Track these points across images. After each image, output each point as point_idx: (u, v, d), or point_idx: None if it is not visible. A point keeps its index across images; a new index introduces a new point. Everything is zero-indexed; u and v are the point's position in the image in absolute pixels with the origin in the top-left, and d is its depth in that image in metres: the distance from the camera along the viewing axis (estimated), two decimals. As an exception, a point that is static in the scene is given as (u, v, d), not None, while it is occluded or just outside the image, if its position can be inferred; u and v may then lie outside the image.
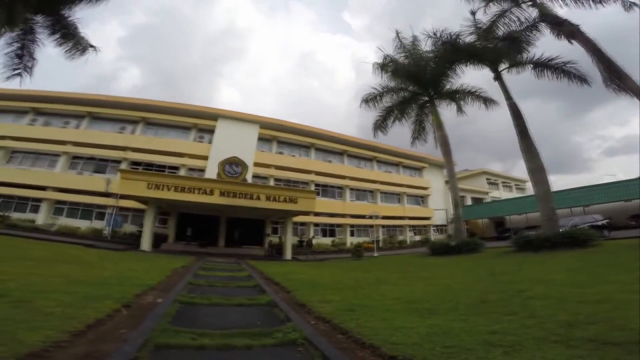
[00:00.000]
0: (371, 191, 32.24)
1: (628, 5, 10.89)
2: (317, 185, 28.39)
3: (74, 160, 23.16)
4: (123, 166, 22.46)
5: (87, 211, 21.76)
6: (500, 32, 13.98)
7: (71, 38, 13.84)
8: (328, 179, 29.22)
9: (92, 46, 14.38)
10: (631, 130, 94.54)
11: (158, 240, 19.37)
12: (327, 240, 27.41)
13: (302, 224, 26.77)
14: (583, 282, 5.16)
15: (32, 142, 22.34)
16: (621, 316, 3.10)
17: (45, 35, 13.63)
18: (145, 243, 17.01)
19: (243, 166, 20.41)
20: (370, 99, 18.35)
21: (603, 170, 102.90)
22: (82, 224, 20.88)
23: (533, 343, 2.69)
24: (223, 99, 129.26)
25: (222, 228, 23.01)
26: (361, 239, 28.05)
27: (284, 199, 18.78)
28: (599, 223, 17.17)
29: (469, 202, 39.51)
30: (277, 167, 26.84)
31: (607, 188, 23.81)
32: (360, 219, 28.70)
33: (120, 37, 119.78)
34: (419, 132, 19.12)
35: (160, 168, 23.55)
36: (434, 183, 37.02)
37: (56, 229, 19.54)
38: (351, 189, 30.64)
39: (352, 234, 29.19)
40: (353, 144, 31.74)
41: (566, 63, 13.37)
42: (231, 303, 5.02)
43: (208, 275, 8.56)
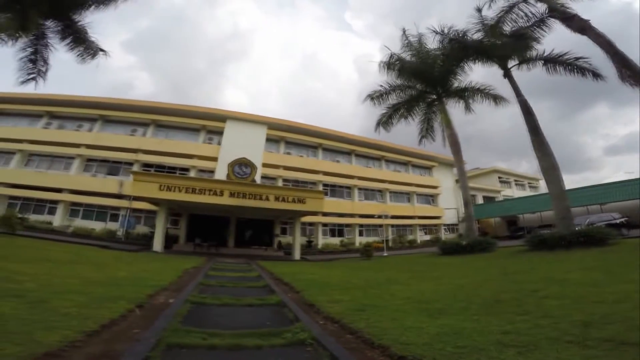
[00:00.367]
0: (380, 191, 32.04)
1: None
2: (325, 185, 28.37)
3: (88, 162, 23.73)
4: (135, 168, 22.90)
5: (102, 213, 22.26)
6: (507, 29, 13.75)
7: (82, 42, 14.17)
8: (336, 179, 29.17)
9: (102, 50, 14.71)
10: (634, 128, 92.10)
11: (169, 241, 19.70)
12: (336, 240, 27.36)
13: (311, 224, 26.79)
14: (600, 282, 5.02)
15: (48, 145, 23.00)
16: (640, 316, 3.01)
17: (57, 40, 14.03)
18: (157, 244, 17.31)
19: (252, 167, 20.57)
20: (375, 96, 18.24)
21: (606, 169, 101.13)
22: (97, 226, 21.39)
23: (547, 343, 2.64)
24: (230, 101, 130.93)
25: (232, 229, 23.24)
26: (370, 239, 27.90)
27: (292, 200, 18.84)
28: (617, 221, 16.70)
29: (480, 201, 38.87)
30: (285, 168, 26.94)
31: (625, 185, 23.08)
32: (369, 219, 28.53)
33: (126, 41, 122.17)
34: (427, 131, 18.92)
35: (171, 170, 23.94)
36: (444, 182, 36.55)
37: (72, 231, 20.06)
38: (359, 189, 30.52)
39: (361, 234, 29.06)
40: (361, 144, 31.60)
41: (578, 58, 13.05)
42: (241, 303, 5.07)
43: (218, 275, 8.66)
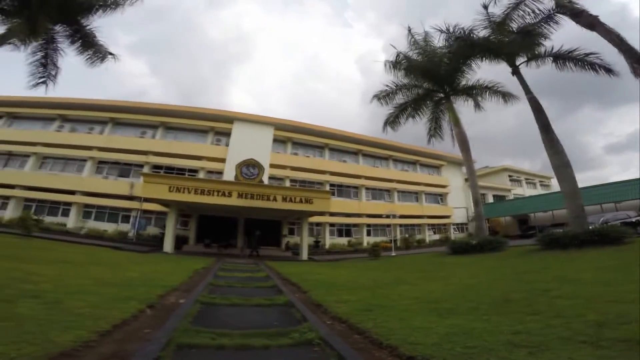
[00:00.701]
0: (388, 190, 31.86)
1: None
2: (332, 185, 28.36)
3: (100, 165, 24.21)
4: (145, 170, 23.26)
5: (114, 214, 22.69)
6: (514, 26, 13.56)
7: (90, 46, 14.48)
8: (343, 179, 29.12)
9: (111, 54, 14.99)
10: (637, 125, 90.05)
11: (179, 242, 19.96)
12: (343, 240, 27.30)
13: (318, 225, 26.80)
14: (614, 281, 4.89)
15: (61, 148, 23.56)
16: (657, 316, 2.93)
17: (66, 44, 14.35)
18: (167, 245, 17.55)
19: (259, 168, 20.70)
20: (382, 96, 18.16)
21: (608, 168, 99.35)
22: (109, 227, 21.81)
23: (559, 343, 2.60)
24: (236, 102, 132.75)
25: (241, 229, 23.43)
26: (378, 239, 27.79)
27: (300, 200, 18.89)
28: (633, 219, 16.28)
29: (491, 200, 38.34)
30: (292, 168, 27.01)
31: (641, 183, 22.43)
32: (377, 219, 28.40)
33: (133, 45, 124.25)
34: (435, 130, 18.75)
35: (180, 171, 24.27)
36: (453, 181, 36.13)
37: (85, 232, 20.52)
38: (367, 189, 30.39)
39: (369, 234, 28.95)
40: (368, 143, 31.47)
41: (589, 54, 12.79)
42: (250, 303, 5.11)
43: (227, 276, 8.73)
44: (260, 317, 4.34)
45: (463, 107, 18.73)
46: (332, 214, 24.67)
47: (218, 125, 26.04)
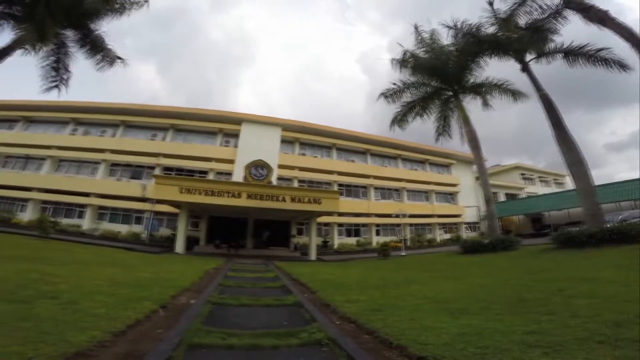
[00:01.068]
0: (397, 189, 31.62)
1: None
2: (341, 185, 28.31)
3: (113, 167, 24.77)
4: (156, 172, 23.64)
5: (127, 216, 23.18)
6: (522, 21, 13.37)
7: (99, 51, 14.83)
8: (351, 179, 29.04)
9: (120, 58, 15.34)
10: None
11: (191, 242, 20.24)
12: (352, 240, 27.21)
13: (326, 225, 26.78)
14: (632, 280, 4.74)
15: (75, 151, 24.22)
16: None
17: (76, 49, 14.74)
18: (179, 246, 17.82)
19: (268, 168, 20.82)
20: (389, 95, 18.05)
21: (611, 166, 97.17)
22: (123, 228, 22.30)
23: (575, 343, 2.53)
24: (242, 104, 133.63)
25: (250, 230, 23.61)
26: (387, 238, 27.59)
27: (308, 200, 18.91)
28: (652, 217, 15.69)
29: (503, 199, 37.68)
30: (300, 169, 27.08)
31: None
32: (386, 218, 28.21)
33: (140, 49, 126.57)
34: (444, 128, 18.55)
35: (190, 173, 24.62)
36: (464, 180, 35.61)
37: (100, 234, 21.02)
38: (376, 188, 30.23)
39: (378, 234, 28.79)
40: (376, 143, 31.30)
41: (600, 50, 12.48)
42: (259, 304, 5.14)
43: (237, 276, 8.80)
44: (269, 317, 4.37)
45: (470, 106, 18.49)
46: (341, 214, 24.63)
47: (226, 126, 26.32)
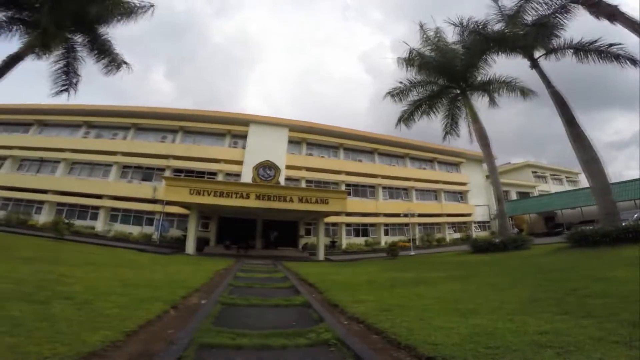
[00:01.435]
0: (405, 189, 31.37)
1: None
2: (348, 185, 28.23)
3: (124, 169, 25.22)
4: (167, 174, 24.02)
5: (138, 217, 23.59)
6: (528, 18, 13.19)
7: (107, 55, 15.16)
8: (359, 179, 28.94)
9: (126, 62, 15.68)
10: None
11: (201, 243, 20.48)
12: (360, 240, 27.11)
13: (334, 225, 26.73)
14: (651, 280, 4.60)
15: (88, 154, 24.77)
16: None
17: (84, 53, 15.09)
18: (189, 247, 18.06)
19: (276, 169, 20.92)
20: (395, 93, 17.95)
21: (615, 164, 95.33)
22: (134, 230, 22.69)
23: (590, 344, 2.48)
24: (248, 105, 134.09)
25: (259, 231, 23.76)
26: (396, 238, 27.38)
27: (315, 200, 18.93)
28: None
29: (514, 197, 37.03)
30: (308, 169, 27.11)
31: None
32: (394, 218, 28.02)
33: (146, 53, 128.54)
34: (451, 126, 18.35)
35: (199, 174, 24.89)
36: (474, 178, 35.10)
37: (112, 235, 21.45)
38: (384, 188, 30.05)
39: (387, 233, 28.60)
40: (383, 142, 31.10)
41: (611, 45, 12.22)
42: (268, 304, 5.18)
43: (247, 277, 8.87)
44: (278, 318, 4.40)
45: (476, 104, 18.28)
46: (349, 214, 24.57)
47: (234, 128, 26.54)
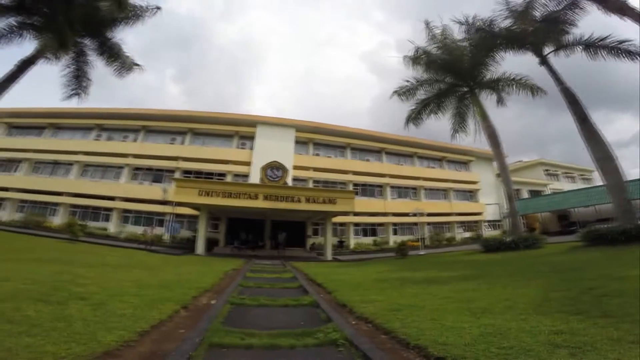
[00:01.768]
0: (414, 188, 31.12)
1: None
2: (356, 184, 28.15)
3: (135, 171, 25.73)
4: (176, 175, 24.37)
5: (149, 219, 23.96)
6: (537, 13, 13.02)
7: (117, 58, 15.41)
8: (367, 178, 28.83)
9: (137, 64, 15.90)
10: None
11: (210, 244, 20.70)
12: (369, 239, 27.01)
13: (342, 225, 26.69)
14: (670, 279, 4.46)
15: (100, 156, 25.35)
16: None
17: (95, 56, 15.39)
18: (199, 247, 18.26)
19: (283, 170, 21.00)
20: (402, 92, 17.82)
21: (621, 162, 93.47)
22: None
23: (606, 344, 2.42)
24: (254, 105, 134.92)
25: (267, 231, 23.89)
26: (405, 238, 27.15)
27: (323, 200, 18.93)
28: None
29: (526, 195, 36.30)
30: (315, 169, 27.14)
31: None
32: (403, 217, 27.85)
33: (152, 56, 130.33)
34: (460, 125, 18.12)
35: (208, 175, 25.18)
36: (484, 176, 34.60)
37: (124, 236, 21.87)
38: (392, 187, 29.87)
39: (395, 233, 28.42)
40: (391, 141, 30.91)
41: (622, 42, 11.95)
42: (277, 304, 5.21)
43: (256, 277, 8.94)
44: (286, 317, 4.42)
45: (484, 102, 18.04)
46: (357, 214, 24.50)
47: (242, 129, 26.77)
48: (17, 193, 23.94)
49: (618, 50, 12.11)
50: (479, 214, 32.71)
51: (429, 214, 28.00)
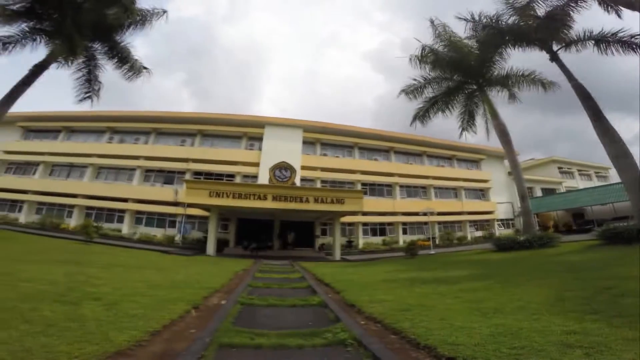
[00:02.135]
0: (423, 187, 30.79)
1: None
2: (364, 184, 28.00)
3: (147, 173, 26.19)
4: (187, 177, 24.72)
5: (161, 220, 24.42)
6: (542, 9, 12.87)
7: (126, 62, 15.71)
8: (375, 178, 28.65)
9: (146, 68, 16.18)
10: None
11: (221, 245, 20.94)
12: (378, 239, 26.84)
13: (350, 224, 26.60)
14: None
15: (113, 159, 25.90)
16: None
17: (105, 60, 15.75)
18: (210, 248, 18.49)
19: (291, 170, 21.08)
20: (410, 91, 17.68)
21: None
22: (158, 232, 23.51)
23: (622, 344, 2.36)
24: (261, 106, 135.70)
25: (276, 231, 24.01)
26: (415, 237, 26.89)
27: (331, 200, 18.91)
28: None
29: (539, 194, 35.56)
30: (323, 169, 27.12)
31: None
32: (413, 217, 27.59)
33: (158, 59, 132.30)
34: (468, 123, 17.87)
35: (218, 176, 25.44)
36: (495, 175, 33.97)
37: (137, 238, 22.30)
38: (401, 186, 29.62)
39: (405, 232, 28.17)
40: (399, 140, 30.65)
41: (633, 36, 11.67)
42: (285, 304, 5.24)
43: (265, 277, 9.01)
44: (295, 318, 4.44)
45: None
46: (365, 213, 24.41)
47: (250, 130, 26.97)
48: (35, 195, 24.67)
49: (631, 44, 11.83)
50: (491, 213, 32.16)
51: (439, 213, 27.68)
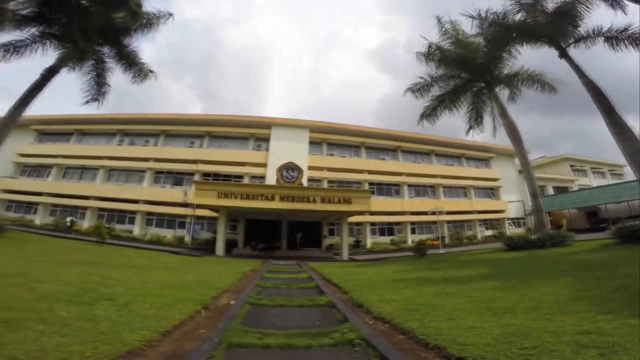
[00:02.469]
0: (432, 186, 30.50)
1: None
2: (372, 184, 27.89)
3: (157, 175, 26.60)
4: (196, 178, 25.05)
5: (171, 221, 24.76)
6: (550, 5, 12.59)
7: (134, 65, 15.97)
8: (383, 177, 28.51)
9: (152, 71, 16.44)
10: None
11: (230, 245, 21.12)
12: (386, 239, 26.68)
13: (358, 224, 26.50)
14: None
15: (123, 161, 26.38)
16: None
17: (113, 64, 16.04)
18: (219, 249, 18.68)
19: (298, 170, 21.13)
20: (416, 89, 17.52)
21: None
22: (168, 233, 23.87)
23: (637, 344, 2.31)
24: (267, 107, 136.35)
25: (284, 232, 24.10)
26: (424, 236, 26.62)
27: (338, 200, 18.89)
28: None
29: (551, 192, 34.86)
30: (329, 169, 27.10)
31: None
32: (421, 216, 27.35)
33: (161, 61, 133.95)
34: (476, 121, 17.62)
35: (226, 177, 25.67)
36: (506, 173, 33.39)
37: (148, 239, 22.68)
38: (409, 186, 29.39)
39: (414, 232, 27.93)
40: (406, 139, 30.41)
41: None
42: (293, 304, 5.26)
43: (273, 277, 9.06)
44: (303, 318, 4.46)
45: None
46: (373, 213, 24.29)
47: (257, 131, 27.15)
48: (49, 197, 25.29)
49: None
50: (502, 212, 31.65)
51: (449, 212, 27.38)
